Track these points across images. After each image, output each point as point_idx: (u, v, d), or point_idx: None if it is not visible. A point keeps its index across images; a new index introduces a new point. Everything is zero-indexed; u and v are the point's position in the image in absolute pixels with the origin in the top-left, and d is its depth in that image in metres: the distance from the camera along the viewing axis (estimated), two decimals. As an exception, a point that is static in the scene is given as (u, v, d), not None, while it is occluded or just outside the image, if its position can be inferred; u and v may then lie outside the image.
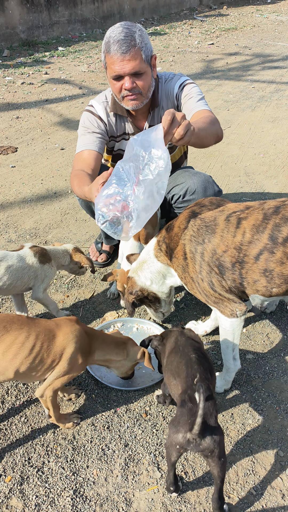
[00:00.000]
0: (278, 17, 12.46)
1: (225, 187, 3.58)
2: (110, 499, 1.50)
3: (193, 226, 1.67)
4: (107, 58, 1.97)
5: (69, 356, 1.58)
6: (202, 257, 1.63)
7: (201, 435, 1.27)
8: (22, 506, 1.48)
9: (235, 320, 1.67)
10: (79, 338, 1.61)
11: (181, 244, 1.71)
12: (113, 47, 1.91)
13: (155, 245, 1.89)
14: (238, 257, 1.55)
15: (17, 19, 8.52)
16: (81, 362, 1.62)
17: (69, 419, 1.73)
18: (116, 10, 10.76)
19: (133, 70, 1.95)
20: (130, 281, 1.99)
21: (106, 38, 1.96)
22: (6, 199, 3.47)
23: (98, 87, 6.35)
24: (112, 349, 1.71)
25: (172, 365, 1.51)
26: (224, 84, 6.42)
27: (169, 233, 1.80)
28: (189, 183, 2.28)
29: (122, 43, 1.90)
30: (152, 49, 2.01)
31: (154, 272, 1.91)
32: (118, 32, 1.91)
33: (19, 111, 5.40)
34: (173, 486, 1.47)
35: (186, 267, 1.72)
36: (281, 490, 1.52)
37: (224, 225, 1.60)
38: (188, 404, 1.31)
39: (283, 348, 2.09)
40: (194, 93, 2.17)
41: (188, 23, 11.55)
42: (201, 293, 1.71)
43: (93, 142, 2.17)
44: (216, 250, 1.59)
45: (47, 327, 1.60)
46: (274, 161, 4.01)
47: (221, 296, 1.65)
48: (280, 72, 6.97)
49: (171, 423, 1.33)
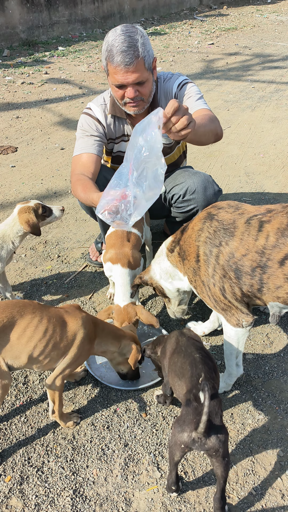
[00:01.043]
0: (278, 17, 12.46)
1: (225, 187, 3.58)
2: (110, 499, 1.50)
3: (209, 228, 1.61)
4: (110, 66, 1.95)
5: (80, 342, 1.60)
6: (217, 260, 1.57)
7: (206, 434, 1.27)
8: (21, 505, 1.48)
9: (240, 330, 1.64)
10: (87, 324, 1.63)
11: (194, 246, 1.66)
12: (116, 58, 1.89)
13: (168, 245, 1.86)
14: (260, 261, 1.49)
15: (17, 19, 8.52)
16: (88, 348, 1.64)
17: (70, 418, 1.74)
18: (116, 10, 10.76)
19: (136, 81, 1.95)
20: (149, 266, 2.00)
21: (108, 45, 1.92)
22: (6, 199, 3.47)
23: (98, 87, 6.35)
24: (108, 339, 1.73)
25: (176, 366, 1.50)
26: (224, 84, 6.42)
27: (183, 235, 1.76)
28: (189, 183, 2.28)
29: (126, 55, 1.87)
30: (152, 52, 2.00)
31: (163, 269, 1.89)
32: (120, 41, 1.88)
33: (19, 111, 5.40)
34: (175, 485, 1.47)
35: (197, 270, 1.66)
36: (281, 490, 1.52)
37: (244, 228, 1.53)
38: (193, 403, 1.31)
39: (283, 348, 2.09)
40: (193, 92, 2.17)
41: (188, 23, 11.55)
42: (210, 298, 1.66)
43: (92, 145, 2.16)
44: (234, 254, 1.53)
45: (57, 312, 1.61)
46: (274, 161, 4.01)
47: (230, 303, 1.60)
48: (280, 72, 6.97)
49: (176, 422, 1.33)
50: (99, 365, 2.00)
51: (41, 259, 2.76)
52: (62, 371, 1.60)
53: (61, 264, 2.72)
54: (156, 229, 3.08)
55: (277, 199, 3.38)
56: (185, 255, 1.73)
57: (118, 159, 2.38)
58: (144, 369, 1.97)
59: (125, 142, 2.31)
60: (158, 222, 3.18)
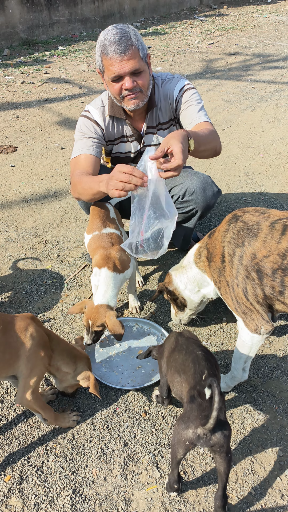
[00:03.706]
0: (278, 17, 12.46)
1: (225, 187, 3.58)
2: (109, 499, 1.50)
3: (233, 228, 1.63)
4: (104, 60, 1.96)
5: (28, 352, 1.52)
6: (241, 260, 1.58)
7: (212, 430, 1.27)
8: (21, 505, 1.48)
9: (256, 336, 1.63)
10: (38, 334, 1.56)
11: (220, 247, 1.66)
12: (110, 48, 1.90)
13: (195, 251, 1.87)
14: (281, 264, 1.49)
15: (17, 18, 8.51)
16: (43, 355, 1.56)
17: (68, 418, 1.72)
18: (116, 9, 10.76)
19: (133, 69, 1.94)
20: (168, 277, 2.00)
21: (101, 41, 1.95)
22: (6, 198, 3.47)
23: (98, 86, 6.35)
24: (63, 357, 1.65)
25: (177, 363, 1.50)
26: (224, 84, 6.42)
27: (211, 238, 1.77)
28: (188, 184, 2.28)
29: (120, 43, 1.89)
30: (146, 48, 2.02)
31: (190, 278, 1.89)
32: (113, 33, 1.91)
33: (19, 111, 5.40)
34: (177, 484, 1.46)
35: (223, 270, 1.66)
36: (280, 489, 1.52)
37: (268, 231, 1.54)
38: (198, 399, 1.31)
39: (282, 348, 2.09)
40: (194, 101, 2.16)
41: (188, 22, 11.55)
42: (232, 299, 1.65)
43: (90, 146, 2.16)
44: (256, 254, 1.54)
45: (4, 319, 1.54)
46: (274, 161, 4.01)
47: (252, 306, 1.59)
48: (280, 72, 6.97)
49: (180, 420, 1.33)
50: (99, 365, 2.00)
51: (41, 259, 2.76)
52: (24, 385, 1.53)
53: (61, 263, 2.72)
54: (156, 229, 3.08)
55: (277, 199, 3.38)
56: (211, 257, 1.73)
57: (117, 160, 2.37)
58: (144, 369, 1.98)
59: (124, 143, 2.30)
60: (158, 222, 3.17)
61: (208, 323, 2.24)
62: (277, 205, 3.28)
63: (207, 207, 2.33)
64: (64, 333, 2.19)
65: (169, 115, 2.23)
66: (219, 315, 2.29)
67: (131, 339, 2.14)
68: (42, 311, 2.33)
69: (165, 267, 2.67)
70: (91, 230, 2.12)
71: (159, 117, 2.24)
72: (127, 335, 2.16)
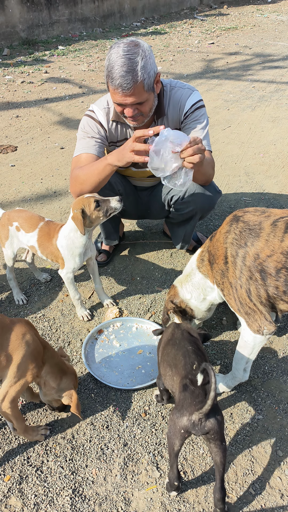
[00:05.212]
0: (278, 16, 12.45)
1: (225, 187, 3.58)
2: (109, 499, 1.50)
3: (235, 229, 1.62)
4: (109, 86, 1.92)
5: (21, 360, 1.49)
6: (244, 261, 1.57)
7: (206, 416, 1.29)
8: (21, 505, 1.48)
9: (259, 337, 1.62)
10: (33, 343, 1.53)
11: (223, 248, 1.65)
12: (115, 82, 1.86)
13: (198, 256, 1.85)
14: (285, 262, 1.48)
15: (17, 18, 8.51)
16: (32, 367, 1.52)
17: (37, 432, 1.67)
18: (116, 9, 10.75)
19: (135, 103, 1.93)
20: (173, 289, 1.96)
21: (109, 64, 1.87)
22: (6, 198, 3.46)
23: (98, 86, 6.35)
24: (54, 370, 1.61)
25: (169, 357, 1.52)
26: (224, 84, 6.42)
27: (212, 241, 1.76)
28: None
29: (124, 80, 1.84)
30: (155, 69, 1.96)
31: (195, 285, 1.86)
32: (120, 64, 1.84)
33: (19, 110, 5.40)
34: (177, 481, 1.46)
35: (226, 272, 1.65)
36: (280, 489, 1.52)
37: (270, 230, 1.54)
38: (190, 387, 1.33)
39: (282, 348, 2.09)
40: (202, 125, 2.15)
41: (188, 22, 11.55)
42: (236, 300, 1.64)
43: (93, 145, 2.15)
44: (260, 255, 1.53)
45: (3, 321, 1.52)
46: (274, 161, 4.01)
47: (255, 306, 1.59)
48: (280, 72, 6.97)
49: (174, 409, 1.35)
50: (99, 365, 2.00)
51: (41, 259, 2.76)
52: (6, 391, 1.49)
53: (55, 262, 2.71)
54: (156, 229, 3.08)
55: (277, 199, 3.38)
56: (213, 259, 1.72)
57: None
58: (144, 369, 1.97)
59: None
60: (158, 222, 3.18)
61: (208, 323, 2.24)
62: (277, 205, 3.28)
63: (207, 207, 2.33)
64: (64, 333, 2.19)
65: (175, 125, 2.21)
66: (219, 315, 2.29)
67: (131, 339, 2.14)
68: (42, 311, 2.33)
69: (157, 262, 2.67)
70: None
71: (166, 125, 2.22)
72: (127, 335, 2.16)
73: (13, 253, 2.24)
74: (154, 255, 2.79)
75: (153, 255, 2.79)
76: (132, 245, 2.91)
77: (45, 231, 2.12)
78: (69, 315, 2.30)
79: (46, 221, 2.16)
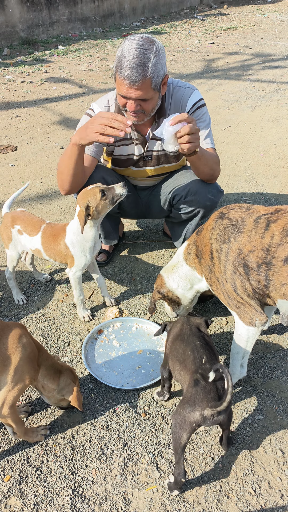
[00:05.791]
0: (278, 16, 12.45)
1: (225, 187, 3.58)
2: (109, 499, 1.50)
3: (220, 225, 1.68)
4: (117, 76, 1.92)
5: (18, 364, 1.47)
6: (227, 256, 1.62)
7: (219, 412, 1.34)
8: (21, 505, 1.48)
9: (252, 328, 1.65)
10: (29, 346, 1.51)
11: (208, 244, 1.71)
12: (124, 72, 1.86)
13: (185, 249, 1.91)
14: (265, 258, 1.53)
15: (17, 18, 8.50)
16: (29, 370, 1.51)
17: (37, 433, 1.67)
18: (116, 9, 10.75)
19: (139, 98, 1.93)
20: (160, 279, 2.03)
21: (120, 54, 1.88)
22: (6, 198, 3.46)
23: (98, 86, 6.35)
24: (50, 372, 1.61)
25: (178, 352, 1.57)
26: (224, 84, 6.41)
27: (199, 235, 1.81)
28: (191, 184, 2.28)
29: (134, 72, 1.84)
30: (165, 70, 1.96)
31: (182, 276, 1.93)
32: (132, 56, 1.84)
33: (19, 110, 5.39)
34: (184, 476, 1.46)
35: (212, 267, 1.71)
36: (280, 489, 1.52)
37: (252, 226, 1.59)
38: (202, 382, 1.38)
39: (282, 348, 2.09)
40: (205, 123, 2.17)
41: (188, 22, 11.54)
42: (224, 295, 1.69)
43: (88, 147, 2.16)
44: (242, 250, 1.58)
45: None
46: (274, 161, 4.01)
47: (242, 300, 1.63)
48: (281, 71, 6.97)
49: (185, 403, 1.38)
50: (98, 365, 2.00)
51: (41, 259, 2.75)
52: (5, 397, 1.47)
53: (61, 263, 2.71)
54: (156, 229, 3.08)
55: (277, 199, 3.38)
56: (201, 254, 1.78)
57: (119, 161, 2.36)
58: (144, 369, 1.97)
59: (127, 145, 2.28)
60: (158, 221, 3.18)
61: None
62: (277, 204, 3.28)
63: (209, 207, 2.33)
64: (64, 333, 2.19)
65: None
66: (219, 315, 2.29)
67: (131, 339, 2.14)
68: (42, 311, 2.33)
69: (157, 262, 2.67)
70: None
71: None
72: (127, 335, 2.16)
73: (17, 254, 2.23)
74: (154, 255, 2.79)
75: (153, 255, 2.79)
76: (132, 245, 2.91)
77: (49, 232, 2.12)
78: (69, 315, 2.30)
79: (48, 223, 2.15)
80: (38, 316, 2.30)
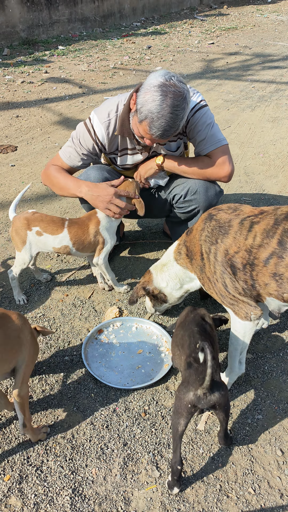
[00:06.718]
0: (278, 16, 12.46)
1: (225, 187, 3.58)
2: (109, 498, 1.50)
3: (208, 227, 1.72)
4: (145, 126, 1.88)
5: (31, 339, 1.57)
6: (216, 257, 1.67)
7: (210, 390, 1.38)
8: (21, 505, 1.48)
9: (248, 323, 1.68)
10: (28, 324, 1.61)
11: (198, 245, 1.76)
12: (153, 130, 1.85)
13: (175, 249, 1.94)
14: (248, 259, 1.58)
15: (17, 18, 8.50)
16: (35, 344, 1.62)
17: (39, 431, 1.69)
18: (116, 9, 10.75)
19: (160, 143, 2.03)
20: (148, 275, 2.06)
21: (151, 112, 1.81)
22: (6, 198, 3.46)
23: (98, 86, 6.35)
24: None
25: (177, 338, 1.64)
26: (224, 84, 6.42)
27: (189, 236, 1.85)
28: (191, 183, 2.28)
29: (164, 133, 1.86)
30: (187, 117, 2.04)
31: (172, 275, 1.96)
32: (167, 119, 1.81)
33: (19, 110, 5.40)
34: (180, 464, 1.46)
35: (203, 268, 1.75)
36: (280, 489, 1.52)
37: (237, 228, 1.63)
38: (194, 364, 1.43)
39: (282, 348, 2.09)
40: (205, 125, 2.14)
41: (188, 22, 11.55)
42: (217, 294, 1.73)
43: (77, 162, 2.24)
44: (229, 251, 1.63)
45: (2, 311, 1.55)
46: (274, 161, 4.01)
47: (235, 297, 1.66)
48: (280, 72, 6.97)
49: (180, 386, 1.43)
50: (98, 365, 2.00)
51: (41, 259, 2.76)
52: (23, 376, 1.53)
53: (61, 263, 2.72)
54: (156, 229, 3.09)
55: (277, 199, 3.39)
56: (192, 254, 1.82)
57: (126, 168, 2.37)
58: (144, 369, 1.98)
59: (129, 155, 2.27)
60: (158, 221, 3.18)
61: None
62: (277, 204, 3.28)
63: (209, 206, 2.33)
64: (64, 333, 2.19)
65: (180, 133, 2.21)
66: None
67: (131, 339, 2.14)
68: (42, 311, 2.33)
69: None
70: None
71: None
72: (126, 335, 2.16)
73: (30, 256, 2.23)
74: (154, 255, 2.79)
75: (153, 255, 2.80)
76: (132, 245, 2.91)
77: (76, 227, 2.18)
78: (69, 315, 2.31)
79: (68, 219, 2.21)
80: (38, 316, 2.30)
